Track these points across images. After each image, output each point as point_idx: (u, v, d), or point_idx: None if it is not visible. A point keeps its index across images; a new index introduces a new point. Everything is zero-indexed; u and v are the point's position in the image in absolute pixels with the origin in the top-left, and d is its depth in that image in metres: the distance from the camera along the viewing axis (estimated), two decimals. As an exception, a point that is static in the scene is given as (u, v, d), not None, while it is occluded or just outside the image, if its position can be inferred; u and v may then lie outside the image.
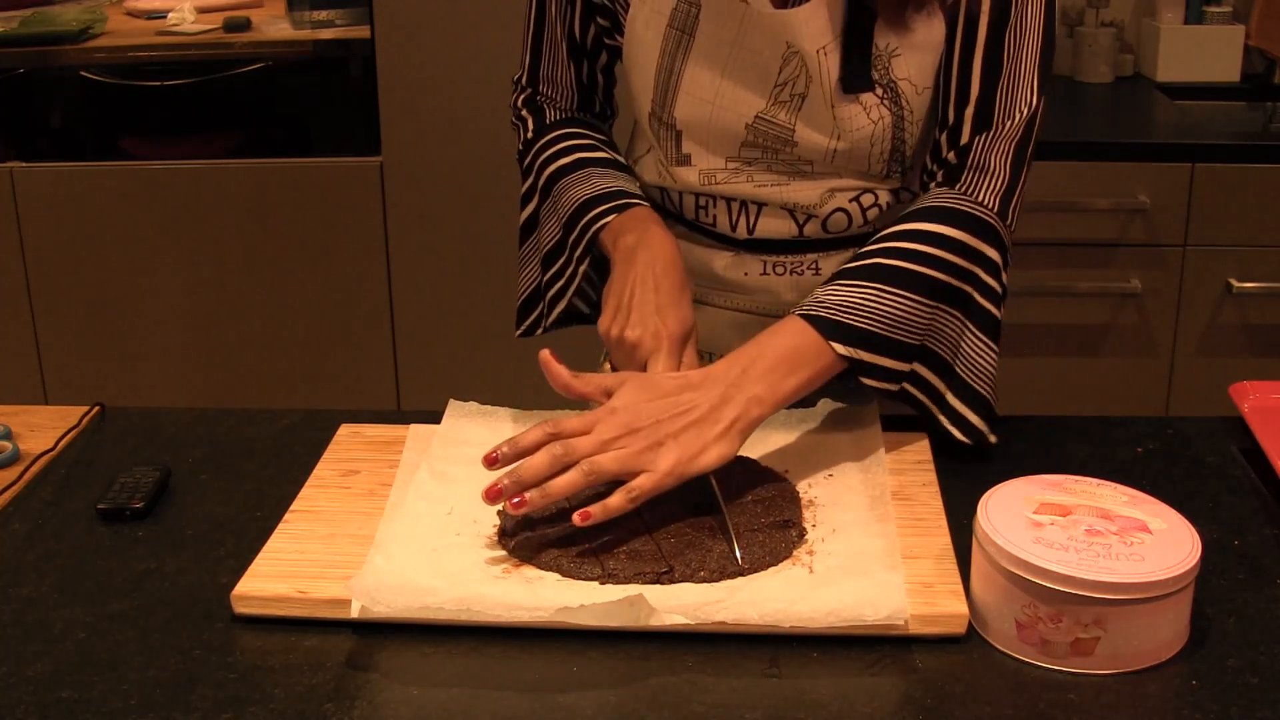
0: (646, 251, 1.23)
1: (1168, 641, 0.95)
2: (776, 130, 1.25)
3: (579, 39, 1.36)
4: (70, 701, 0.92)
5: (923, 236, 1.17)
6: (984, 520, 0.98)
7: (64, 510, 1.18)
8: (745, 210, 1.30)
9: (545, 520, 1.10)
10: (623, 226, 1.27)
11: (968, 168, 1.22)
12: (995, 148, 1.21)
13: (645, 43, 1.27)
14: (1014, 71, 1.20)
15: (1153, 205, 2.49)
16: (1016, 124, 1.21)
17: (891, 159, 1.27)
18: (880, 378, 1.17)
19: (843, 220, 1.30)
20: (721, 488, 1.13)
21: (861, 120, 1.24)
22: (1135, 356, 2.60)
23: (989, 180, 1.21)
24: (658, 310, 1.20)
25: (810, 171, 1.28)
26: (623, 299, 1.22)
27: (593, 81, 1.41)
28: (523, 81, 1.43)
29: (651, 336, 1.18)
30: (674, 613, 0.96)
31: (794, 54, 1.22)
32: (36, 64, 3.00)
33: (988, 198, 1.21)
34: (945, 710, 0.90)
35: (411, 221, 2.81)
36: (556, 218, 1.36)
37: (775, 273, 1.32)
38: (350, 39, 2.92)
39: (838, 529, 1.09)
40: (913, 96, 1.24)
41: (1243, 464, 1.23)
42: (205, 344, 2.93)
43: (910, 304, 1.15)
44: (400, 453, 1.22)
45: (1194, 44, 2.87)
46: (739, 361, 1.12)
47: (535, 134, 1.40)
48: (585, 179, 1.33)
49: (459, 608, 0.97)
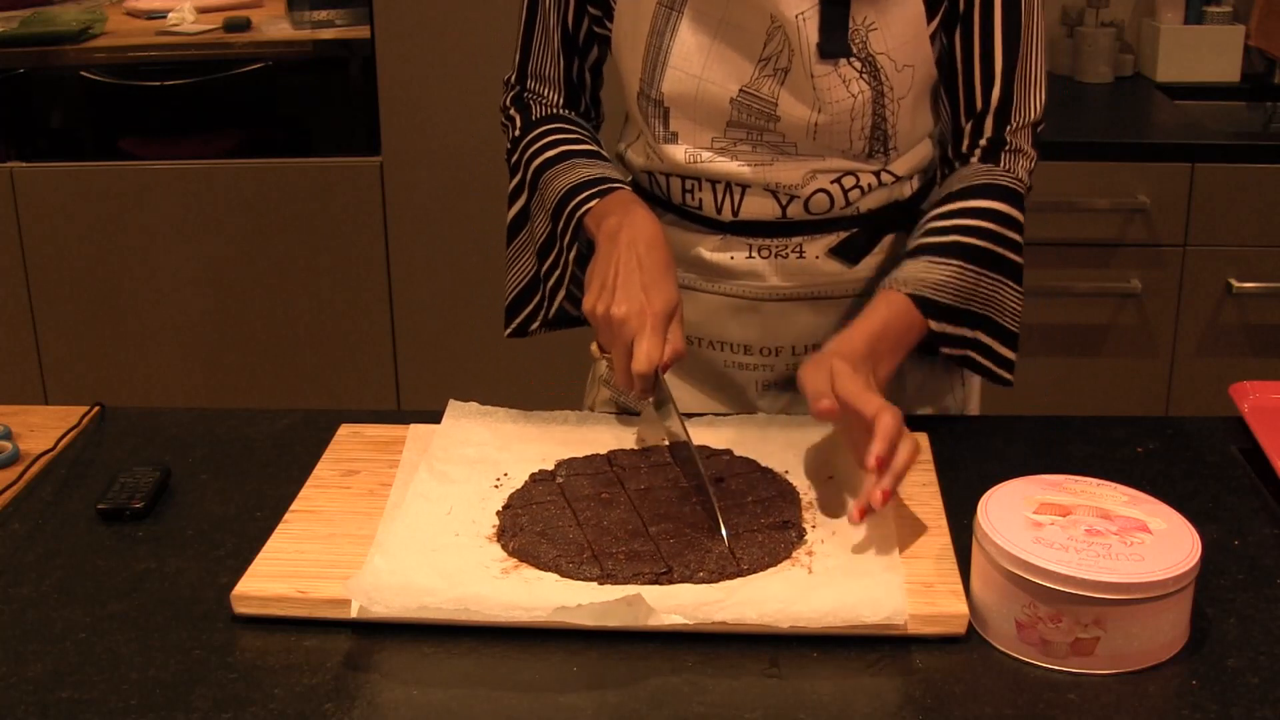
0: (630, 231, 1.25)
1: (1168, 641, 0.95)
2: (760, 104, 1.27)
3: (571, 31, 1.39)
4: (70, 701, 0.92)
5: (988, 214, 1.28)
6: (984, 520, 0.98)
7: (64, 510, 1.18)
8: (730, 191, 1.32)
9: (544, 520, 1.10)
10: (606, 209, 1.29)
11: (1005, 150, 1.32)
12: (1022, 132, 1.32)
13: (635, 20, 1.29)
14: (1029, 59, 1.30)
15: (1153, 205, 2.49)
16: (1037, 110, 1.32)
17: (873, 137, 1.30)
18: (953, 345, 1.27)
19: (824, 201, 1.32)
20: (717, 484, 1.13)
21: (841, 93, 1.26)
22: (1135, 356, 2.60)
23: (1023, 160, 1.33)
24: (643, 288, 1.21)
25: (794, 152, 1.30)
26: (607, 278, 1.23)
27: (581, 80, 1.43)
28: (512, 80, 1.45)
29: (637, 314, 1.20)
30: (672, 613, 0.96)
31: (778, 28, 1.24)
32: (36, 64, 3.00)
33: (1023, 174, 1.33)
34: (945, 710, 0.90)
35: (411, 221, 2.81)
36: (544, 209, 1.37)
37: (761, 256, 1.34)
38: (350, 39, 2.92)
39: (837, 530, 1.09)
40: (892, 73, 1.27)
41: (1243, 464, 1.23)
42: (205, 344, 2.93)
43: (980, 277, 1.26)
44: (400, 453, 1.22)
45: (1194, 44, 2.87)
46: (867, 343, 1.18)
47: (522, 130, 1.42)
48: (570, 169, 1.35)
49: (457, 607, 0.98)
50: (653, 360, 1.16)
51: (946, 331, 1.25)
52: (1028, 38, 1.29)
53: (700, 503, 1.12)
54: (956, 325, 1.26)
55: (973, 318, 1.28)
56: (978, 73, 1.30)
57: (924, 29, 1.27)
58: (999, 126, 1.32)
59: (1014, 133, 1.32)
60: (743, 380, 1.39)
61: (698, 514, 1.11)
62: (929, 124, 1.35)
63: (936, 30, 1.28)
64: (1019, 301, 1.32)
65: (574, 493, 1.14)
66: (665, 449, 1.22)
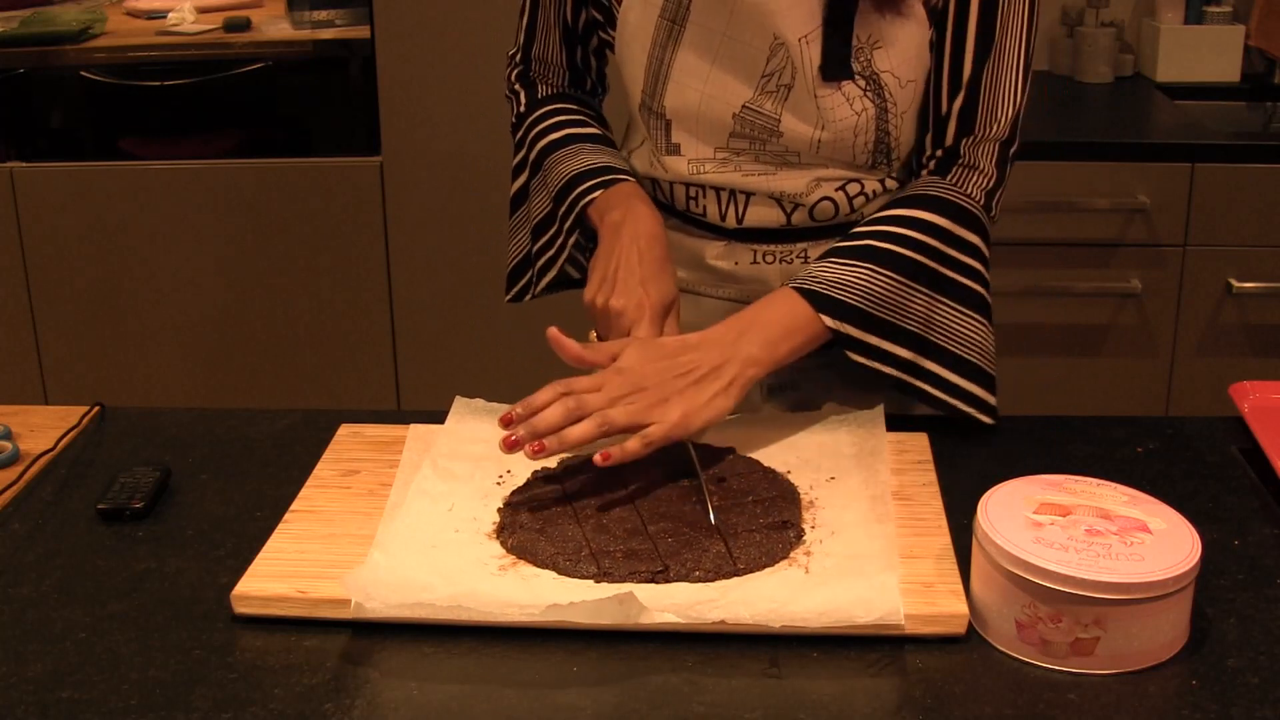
0: (631, 226, 1.27)
1: (1168, 641, 0.95)
2: (763, 120, 1.27)
3: (571, 25, 1.41)
4: (70, 701, 0.92)
5: (912, 223, 1.24)
6: (984, 520, 0.98)
7: (64, 510, 1.18)
8: (734, 200, 1.33)
9: (544, 518, 1.10)
10: (609, 202, 1.31)
11: (958, 164, 1.28)
12: (982, 148, 1.28)
13: (637, 33, 1.29)
14: (1001, 72, 1.26)
15: (1153, 205, 2.48)
16: (1003, 125, 1.27)
17: (877, 150, 1.30)
18: (868, 355, 1.22)
19: (830, 209, 1.32)
20: (718, 484, 1.13)
21: (844, 111, 1.26)
22: (1135, 356, 2.60)
23: (977, 177, 1.28)
24: (641, 282, 1.24)
25: (797, 162, 1.30)
26: (608, 271, 1.26)
27: (585, 64, 1.45)
28: (517, 58, 1.48)
29: (635, 307, 1.23)
30: (666, 611, 0.96)
31: (780, 45, 1.24)
32: (36, 64, 3.00)
33: (975, 192, 1.28)
34: (945, 710, 0.90)
35: (411, 221, 2.81)
36: (546, 191, 1.40)
37: (765, 261, 1.35)
38: (350, 39, 2.92)
39: (837, 531, 1.09)
40: (896, 90, 1.26)
41: (1243, 464, 1.23)
42: (205, 344, 2.93)
43: (896, 285, 1.22)
44: (400, 453, 1.22)
45: (1194, 44, 2.87)
46: (735, 326, 1.19)
47: (528, 108, 1.44)
48: (575, 154, 1.37)
49: (452, 604, 0.98)
50: None
51: (852, 335, 1.20)
52: (1003, 49, 1.24)
53: (698, 501, 1.12)
54: (866, 332, 1.21)
55: (900, 333, 1.22)
56: (946, 76, 1.26)
57: (926, 44, 1.26)
58: (957, 136, 1.27)
59: (973, 146, 1.27)
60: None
61: (697, 513, 1.11)
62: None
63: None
64: (983, 334, 1.26)
65: (575, 490, 1.15)
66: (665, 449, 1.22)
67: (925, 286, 1.23)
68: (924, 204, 1.25)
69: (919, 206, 1.25)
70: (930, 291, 1.24)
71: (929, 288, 1.23)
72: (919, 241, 1.23)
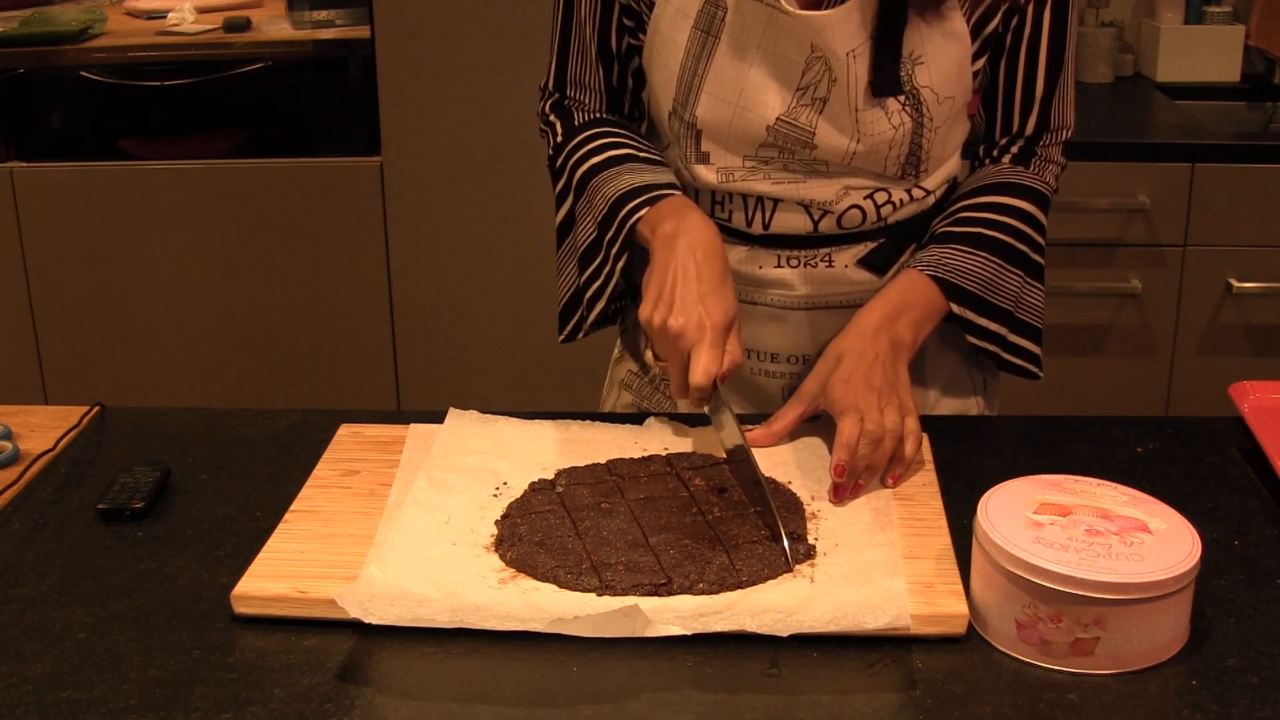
0: (687, 238, 1.22)
1: (1168, 641, 0.95)
2: (797, 133, 1.26)
3: (608, 40, 1.36)
4: (70, 701, 0.92)
5: (1016, 212, 1.33)
6: (984, 520, 0.98)
7: (64, 510, 1.18)
8: (761, 206, 1.32)
9: (543, 530, 1.09)
10: (660, 215, 1.26)
11: (1037, 156, 1.37)
12: (1056, 143, 1.38)
13: (669, 42, 1.28)
14: (1066, 81, 1.34)
15: (1153, 205, 2.48)
16: (1070, 122, 1.38)
17: (907, 163, 1.30)
18: (978, 335, 1.31)
19: (857, 216, 1.32)
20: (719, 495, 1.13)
21: (883, 125, 1.26)
22: (1135, 356, 2.60)
23: (1053, 167, 1.39)
24: (700, 298, 1.18)
25: (826, 171, 1.29)
26: (664, 287, 1.20)
27: (622, 84, 1.40)
28: (549, 87, 1.42)
29: (695, 326, 1.17)
30: (670, 623, 0.96)
31: (818, 58, 1.23)
32: (36, 64, 3.00)
33: (1051, 180, 1.39)
34: (945, 710, 0.90)
35: (411, 221, 2.81)
36: (591, 215, 1.35)
37: (789, 265, 1.34)
38: (350, 39, 2.91)
39: (840, 542, 1.08)
40: (934, 105, 1.26)
41: (1243, 464, 1.23)
42: (205, 343, 2.93)
43: (1001, 270, 1.31)
44: (400, 453, 1.22)
45: (1194, 44, 2.87)
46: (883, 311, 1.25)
47: (565, 136, 1.39)
48: (617, 175, 1.31)
49: (452, 618, 0.97)
50: (710, 374, 1.15)
51: (969, 318, 1.29)
52: (1067, 64, 1.32)
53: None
54: (979, 314, 1.30)
55: (996, 311, 1.31)
56: (1018, 98, 1.34)
57: (968, 63, 1.27)
58: (1033, 140, 1.37)
59: (1047, 145, 1.37)
60: (769, 387, 1.39)
61: (698, 525, 1.10)
62: (961, 139, 1.36)
63: (981, 62, 1.29)
64: (1041, 300, 1.38)
65: (573, 502, 1.13)
66: (664, 458, 1.21)
67: (1019, 269, 1.32)
68: (1022, 194, 1.33)
69: (1019, 196, 1.33)
70: (1023, 274, 1.33)
71: (1022, 270, 1.33)
72: (1021, 231, 1.32)
